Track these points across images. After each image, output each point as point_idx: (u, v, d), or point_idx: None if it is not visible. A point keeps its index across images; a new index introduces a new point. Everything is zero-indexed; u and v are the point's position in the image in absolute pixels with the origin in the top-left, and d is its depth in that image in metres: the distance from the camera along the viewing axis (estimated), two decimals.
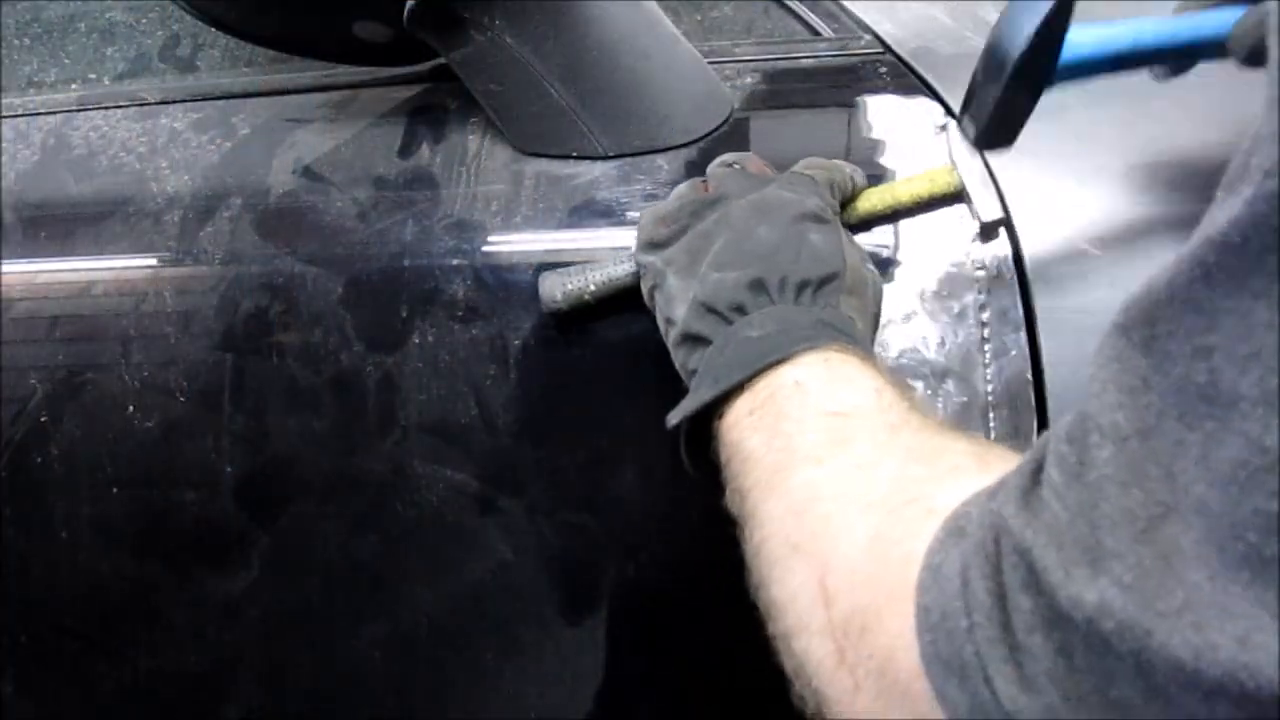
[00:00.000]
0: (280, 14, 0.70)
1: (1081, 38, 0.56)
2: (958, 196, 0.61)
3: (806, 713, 0.40)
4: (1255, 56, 0.54)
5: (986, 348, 0.59)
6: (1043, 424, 0.58)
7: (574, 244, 0.66)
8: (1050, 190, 0.62)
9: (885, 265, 0.62)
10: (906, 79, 0.68)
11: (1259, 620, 0.23)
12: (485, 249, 0.66)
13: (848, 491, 0.41)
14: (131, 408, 0.67)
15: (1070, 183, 0.62)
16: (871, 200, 0.61)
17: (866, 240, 0.62)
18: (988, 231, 0.61)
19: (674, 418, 0.52)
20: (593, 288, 0.61)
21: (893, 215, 0.62)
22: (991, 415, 0.59)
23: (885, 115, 0.66)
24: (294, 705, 0.70)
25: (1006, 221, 0.61)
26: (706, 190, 0.58)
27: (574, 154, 0.67)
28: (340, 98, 0.77)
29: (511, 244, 0.66)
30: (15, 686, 0.72)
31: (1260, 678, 0.23)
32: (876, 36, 0.74)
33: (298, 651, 0.69)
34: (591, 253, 0.65)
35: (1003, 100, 0.55)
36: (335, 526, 0.66)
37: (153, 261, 0.70)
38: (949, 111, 0.65)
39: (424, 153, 0.70)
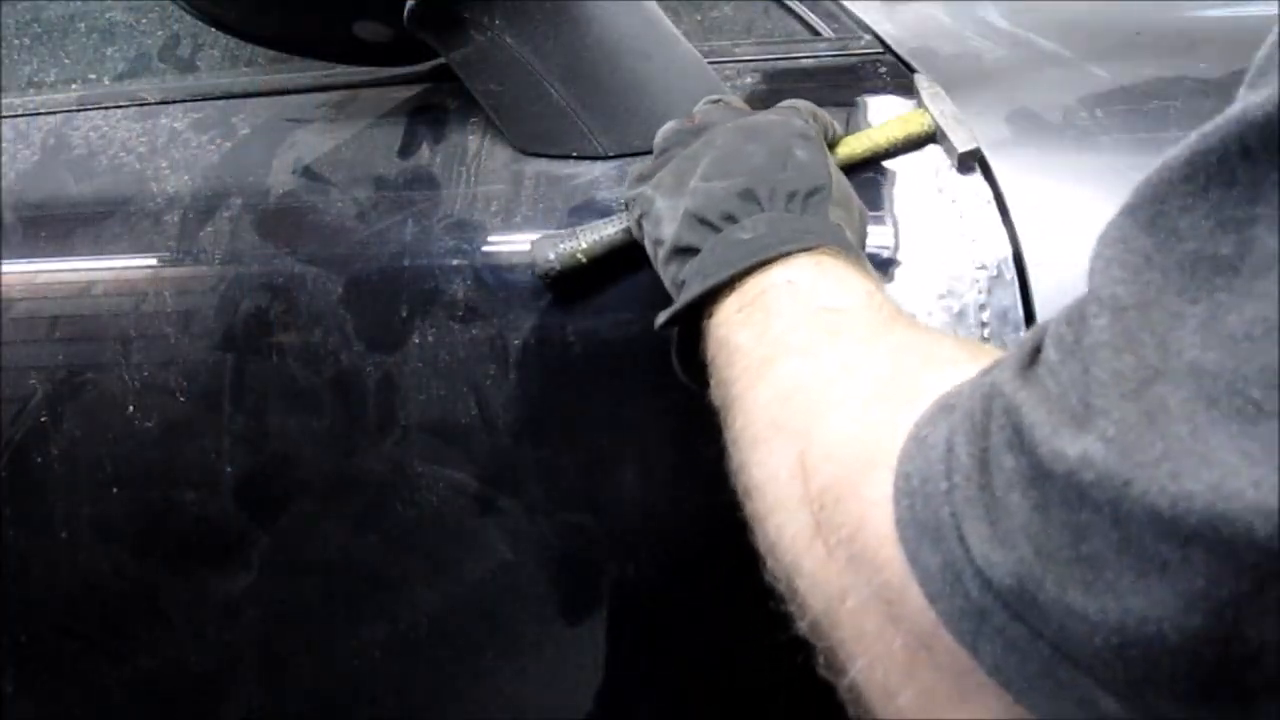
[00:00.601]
0: (280, 14, 0.70)
1: None
2: (931, 137, 0.63)
3: (777, 589, 0.40)
4: None
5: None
6: None
7: None
8: (1051, 190, 0.62)
9: (885, 265, 0.62)
10: (906, 79, 0.68)
11: (1236, 468, 0.24)
12: (485, 249, 0.66)
13: (836, 379, 0.41)
14: (131, 408, 0.67)
15: (1070, 183, 0.62)
16: (850, 146, 0.63)
17: (868, 241, 0.62)
18: (964, 162, 0.61)
19: (662, 319, 0.53)
20: (585, 245, 0.61)
21: (872, 158, 0.63)
22: None
23: (885, 115, 0.66)
24: (294, 705, 0.70)
25: (980, 155, 0.61)
26: (693, 122, 0.59)
27: (574, 154, 0.67)
28: (340, 98, 0.77)
29: (511, 244, 0.66)
30: (15, 686, 0.72)
31: (1237, 524, 0.23)
32: (876, 36, 0.74)
33: (298, 651, 0.69)
34: None
35: None
36: (335, 526, 0.66)
37: (153, 261, 0.70)
38: None
39: (424, 153, 0.70)
